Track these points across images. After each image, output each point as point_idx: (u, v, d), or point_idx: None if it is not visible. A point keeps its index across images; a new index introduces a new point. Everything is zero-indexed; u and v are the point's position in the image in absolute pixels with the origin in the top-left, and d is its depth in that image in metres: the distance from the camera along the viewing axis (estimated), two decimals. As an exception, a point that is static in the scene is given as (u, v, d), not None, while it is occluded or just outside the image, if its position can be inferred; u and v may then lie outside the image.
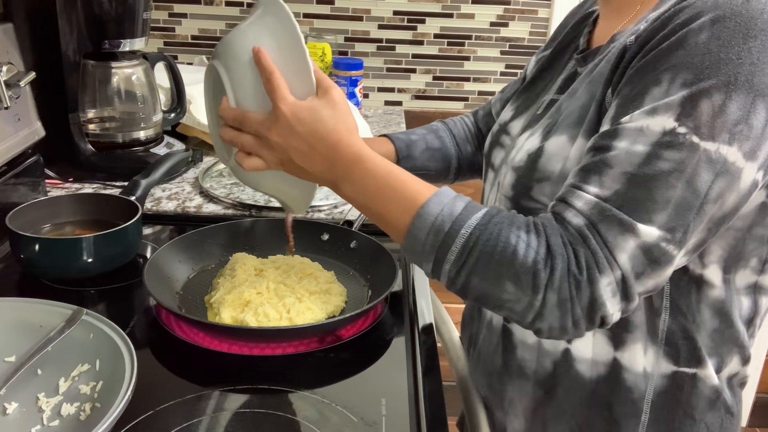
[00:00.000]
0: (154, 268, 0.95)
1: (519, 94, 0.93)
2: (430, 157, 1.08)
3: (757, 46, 0.59)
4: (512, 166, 0.78)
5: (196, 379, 0.81)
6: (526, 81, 0.94)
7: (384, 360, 0.88)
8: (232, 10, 1.92)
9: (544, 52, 0.95)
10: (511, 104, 0.93)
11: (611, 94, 0.68)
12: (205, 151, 1.50)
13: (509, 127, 0.88)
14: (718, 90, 0.59)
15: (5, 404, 0.73)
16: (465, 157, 1.11)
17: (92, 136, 1.35)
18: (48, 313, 0.81)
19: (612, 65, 0.67)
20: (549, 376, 0.79)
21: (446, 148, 1.10)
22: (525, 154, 0.75)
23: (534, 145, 0.75)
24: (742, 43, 0.59)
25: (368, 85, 1.98)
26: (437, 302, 1.20)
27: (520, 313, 0.64)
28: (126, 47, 1.32)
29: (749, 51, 0.59)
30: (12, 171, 1.13)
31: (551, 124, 0.75)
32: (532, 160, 0.73)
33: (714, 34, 0.59)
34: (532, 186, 0.74)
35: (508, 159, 0.80)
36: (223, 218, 1.19)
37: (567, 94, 0.76)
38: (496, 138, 0.90)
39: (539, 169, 0.73)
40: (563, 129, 0.71)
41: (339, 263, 1.04)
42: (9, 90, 1.06)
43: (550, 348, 0.78)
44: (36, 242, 0.97)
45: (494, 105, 1.10)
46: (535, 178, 0.74)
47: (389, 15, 1.93)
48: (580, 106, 0.71)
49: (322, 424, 0.74)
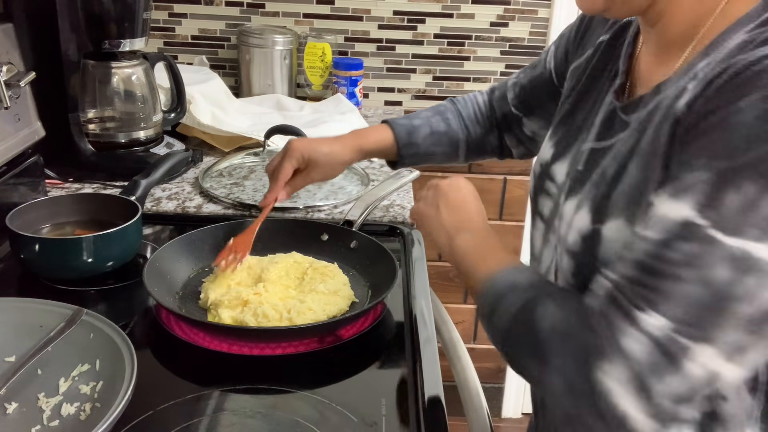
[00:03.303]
0: (154, 268, 0.95)
1: (557, 125, 0.84)
2: (434, 142, 1.06)
3: None
4: (566, 249, 0.72)
5: (196, 379, 0.81)
6: (564, 111, 0.84)
7: (384, 360, 0.88)
8: (232, 10, 1.92)
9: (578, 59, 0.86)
10: (550, 138, 0.84)
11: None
12: (205, 151, 1.50)
13: (552, 171, 0.81)
14: (752, 182, 0.52)
15: (5, 404, 0.73)
16: (474, 140, 1.08)
17: (92, 136, 1.35)
18: (48, 313, 0.81)
19: (667, 141, 0.60)
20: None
21: (453, 131, 1.07)
22: (578, 236, 0.69)
23: (586, 225, 0.69)
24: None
25: (368, 85, 1.98)
26: (437, 302, 1.20)
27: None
28: (126, 47, 1.32)
29: None
30: (12, 171, 1.13)
31: (601, 198, 0.68)
32: (589, 245, 0.68)
33: (763, 117, 0.53)
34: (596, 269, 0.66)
35: (560, 233, 0.74)
36: (223, 218, 1.19)
37: (612, 157, 0.69)
38: (540, 184, 0.83)
39: (601, 257, 0.67)
40: (620, 211, 0.65)
41: (339, 263, 1.04)
42: (9, 90, 1.06)
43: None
44: (36, 242, 0.97)
45: (510, 90, 1.05)
46: (596, 266, 0.67)
47: (389, 15, 1.93)
48: (635, 185, 0.64)
49: (321, 424, 0.74)
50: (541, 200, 0.82)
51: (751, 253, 0.53)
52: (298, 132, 1.32)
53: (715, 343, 0.55)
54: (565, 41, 0.93)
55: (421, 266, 1.08)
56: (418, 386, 0.81)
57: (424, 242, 1.17)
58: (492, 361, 2.23)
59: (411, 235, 1.17)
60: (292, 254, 1.04)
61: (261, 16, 1.92)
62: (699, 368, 0.56)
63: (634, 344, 0.56)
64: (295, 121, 1.52)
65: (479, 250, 0.77)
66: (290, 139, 1.06)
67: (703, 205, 0.54)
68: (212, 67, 1.87)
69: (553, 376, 0.61)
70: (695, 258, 0.54)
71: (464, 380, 1.08)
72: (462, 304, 2.18)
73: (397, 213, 1.24)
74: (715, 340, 0.55)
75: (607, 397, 0.58)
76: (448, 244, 0.81)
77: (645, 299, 0.57)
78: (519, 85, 1.03)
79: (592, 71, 0.80)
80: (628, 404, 0.57)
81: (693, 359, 0.55)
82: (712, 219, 0.54)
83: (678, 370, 0.56)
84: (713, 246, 0.54)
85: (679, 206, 0.56)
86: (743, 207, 0.53)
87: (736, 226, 0.53)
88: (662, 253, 0.56)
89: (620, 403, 0.57)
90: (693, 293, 0.55)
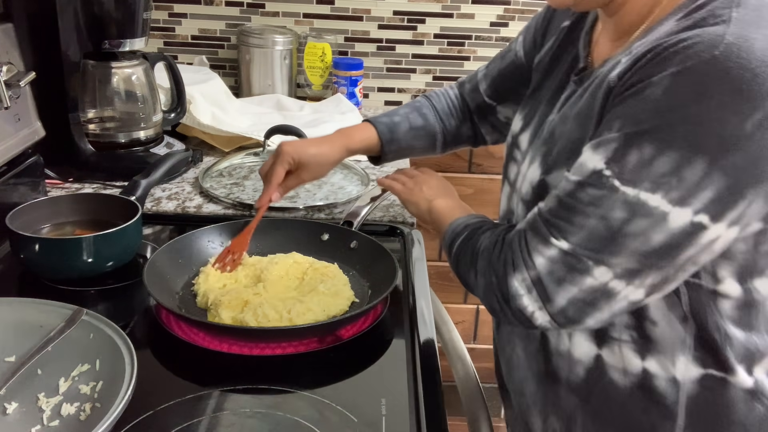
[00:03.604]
0: (154, 268, 0.95)
1: (526, 100, 0.95)
2: (414, 136, 1.12)
3: (710, 107, 0.61)
4: (521, 198, 0.84)
5: (196, 379, 0.81)
6: (532, 88, 0.95)
7: (384, 360, 0.88)
8: (232, 10, 1.92)
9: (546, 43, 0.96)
10: (520, 112, 0.95)
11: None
12: (205, 151, 1.50)
13: (519, 140, 0.92)
14: (651, 144, 0.64)
15: (5, 404, 0.73)
16: (450, 131, 1.15)
17: (92, 136, 1.35)
18: (48, 313, 0.81)
19: (600, 104, 0.72)
20: (582, 383, 0.81)
21: (430, 125, 1.13)
22: (529, 186, 0.82)
23: (535, 176, 0.81)
24: (694, 103, 0.62)
25: (368, 85, 1.98)
26: (437, 302, 1.20)
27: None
28: (126, 47, 1.32)
29: (699, 111, 0.61)
30: (12, 171, 1.13)
31: (547, 153, 0.80)
32: (538, 194, 0.79)
33: (668, 91, 0.63)
34: None
35: (517, 186, 0.87)
36: (223, 218, 1.19)
37: (560, 118, 0.81)
38: (509, 152, 0.94)
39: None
40: (562, 163, 0.77)
41: (339, 263, 1.04)
42: (9, 90, 1.06)
43: (581, 355, 0.81)
44: (36, 242, 0.97)
45: (481, 82, 1.12)
46: None
47: (389, 15, 1.93)
48: (573, 140, 0.76)
49: (321, 424, 0.74)
50: (510, 166, 0.93)
51: (645, 201, 0.65)
52: (298, 132, 1.32)
53: (610, 266, 0.68)
54: (533, 30, 1.01)
55: (421, 266, 1.09)
56: (418, 386, 0.81)
57: (424, 242, 1.17)
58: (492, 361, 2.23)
59: (411, 235, 1.17)
60: (293, 254, 1.04)
61: (261, 16, 1.92)
62: (594, 281, 0.69)
63: (541, 259, 0.71)
64: (295, 121, 1.52)
65: (450, 210, 0.94)
66: (281, 142, 1.08)
67: (610, 159, 0.67)
68: (212, 67, 1.87)
69: (480, 279, 0.78)
70: (599, 200, 0.67)
71: (464, 380, 1.08)
72: (462, 304, 2.18)
73: (397, 213, 1.24)
74: (610, 264, 0.68)
75: (518, 300, 0.73)
76: (428, 208, 0.98)
77: (557, 227, 0.71)
78: (490, 76, 1.11)
79: (556, 52, 0.92)
80: (534, 307, 0.73)
81: (591, 275, 0.69)
82: (615, 171, 0.66)
83: (576, 280, 0.70)
84: (613, 192, 0.66)
85: (595, 158, 0.68)
86: (641, 164, 0.65)
87: (633, 177, 0.65)
88: (576, 193, 0.69)
89: (528, 305, 0.73)
90: (595, 227, 0.68)
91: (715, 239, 0.66)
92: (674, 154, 0.63)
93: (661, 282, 0.69)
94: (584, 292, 0.70)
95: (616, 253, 0.67)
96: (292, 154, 1.05)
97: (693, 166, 0.62)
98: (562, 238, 0.70)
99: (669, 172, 0.63)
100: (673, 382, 0.76)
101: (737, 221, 0.65)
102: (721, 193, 0.63)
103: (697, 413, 0.76)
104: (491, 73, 1.10)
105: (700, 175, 0.63)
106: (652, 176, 0.64)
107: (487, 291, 0.77)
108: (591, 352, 0.80)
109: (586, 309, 0.71)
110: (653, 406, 0.78)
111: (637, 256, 0.67)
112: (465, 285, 0.84)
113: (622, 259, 0.67)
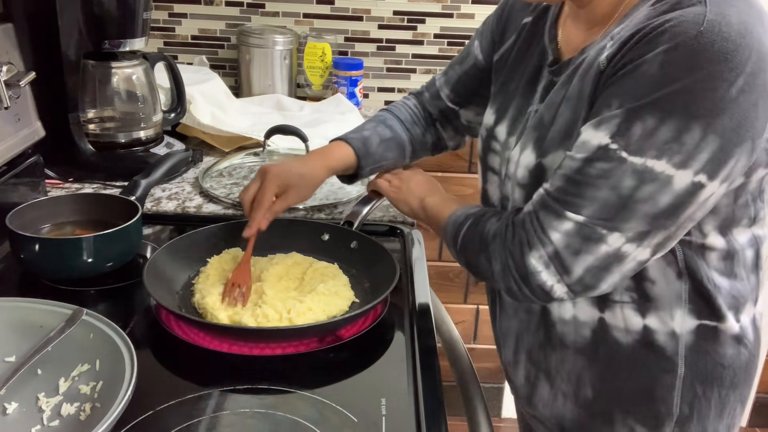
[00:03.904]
0: (154, 268, 0.95)
1: (495, 96, 1.00)
2: (385, 148, 1.13)
3: (702, 77, 0.67)
4: (517, 183, 0.87)
5: (196, 379, 0.81)
6: (500, 84, 0.99)
7: (384, 360, 0.88)
8: (232, 10, 1.92)
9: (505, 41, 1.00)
10: (490, 106, 1.00)
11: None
12: (205, 151, 1.50)
13: (496, 132, 0.96)
14: (652, 116, 0.69)
15: (5, 404, 0.73)
16: (416, 140, 1.17)
17: (92, 136, 1.35)
18: (48, 313, 0.81)
19: (592, 87, 0.76)
20: (589, 343, 0.88)
21: (398, 136, 1.15)
22: (526, 171, 0.85)
23: (531, 161, 0.84)
24: (687, 75, 0.67)
25: (368, 85, 1.98)
26: (437, 302, 1.20)
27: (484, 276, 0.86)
28: (126, 47, 1.32)
29: (692, 82, 0.67)
30: (12, 171, 1.13)
31: (540, 138, 0.84)
32: (535, 176, 0.84)
33: (663, 66, 0.69)
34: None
35: (509, 173, 0.90)
36: (223, 218, 1.19)
37: (546, 106, 0.85)
38: (487, 144, 0.98)
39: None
40: (557, 145, 0.81)
41: (339, 263, 1.04)
42: (9, 90, 1.06)
43: (586, 319, 0.87)
44: (36, 242, 0.97)
45: (442, 88, 1.15)
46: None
47: (389, 15, 1.93)
48: (567, 123, 0.80)
49: (321, 424, 0.74)
50: (491, 157, 0.97)
51: (651, 168, 0.70)
52: (299, 132, 1.32)
53: (623, 231, 0.73)
54: (490, 32, 1.05)
55: (421, 266, 1.09)
56: (418, 386, 0.81)
57: (423, 242, 1.17)
58: (492, 361, 2.23)
59: (411, 235, 1.17)
60: (293, 254, 1.04)
61: (261, 16, 1.92)
62: (608, 247, 0.74)
63: (557, 234, 0.75)
64: (295, 121, 1.52)
65: (444, 204, 0.98)
66: (262, 165, 1.06)
67: (615, 134, 0.71)
68: (212, 67, 1.87)
69: (494, 264, 0.82)
70: (608, 172, 0.72)
71: (464, 380, 1.08)
72: (462, 304, 2.18)
73: (397, 213, 1.24)
74: (623, 229, 0.73)
75: (537, 276, 0.77)
76: (420, 205, 1.02)
77: (568, 203, 0.75)
78: (451, 82, 1.14)
79: (521, 47, 0.96)
80: (553, 281, 0.77)
81: (605, 242, 0.74)
82: (621, 144, 0.71)
83: (591, 249, 0.74)
84: (622, 163, 0.71)
85: (598, 134, 0.73)
86: (645, 134, 0.70)
87: (640, 148, 0.70)
88: (584, 169, 0.74)
89: (547, 280, 0.77)
90: (607, 197, 0.73)
91: (709, 196, 0.73)
92: (674, 123, 0.69)
93: (664, 240, 0.75)
94: (599, 259, 0.75)
95: (627, 218, 0.73)
96: (279, 175, 1.03)
97: (691, 131, 0.68)
98: (575, 212, 0.74)
99: (671, 139, 0.69)
100: (672, 335, 0.84)
101: (727, 178, 0.72)
102: (715, 154, 0.70)
103: (694, 362, 0.85)
104: (451, 78, 1.13)
105: (697, 139, 0.69)
106: (657, 144, 0.69)
107: (504, 274, 0.81)
108: (595, 316, 0.86)
109: (600, 274, 0.76)
110: (655, 359, 0.85)
111: (648, 219, 0.72)
112: (474, 272, 0.88)
113: (634, 223, 0.73)
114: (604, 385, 0.89)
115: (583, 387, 0.90)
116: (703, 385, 0.86)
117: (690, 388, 0.86)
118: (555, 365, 0.92)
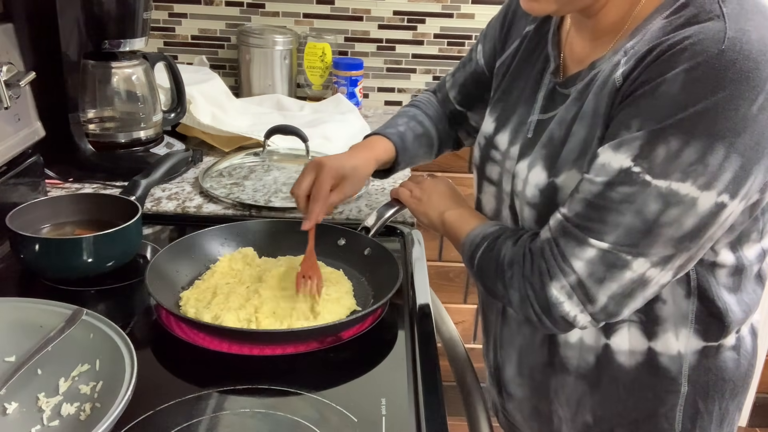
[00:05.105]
0: (156, 269, 0.95)
1: (495, 103, 0.97)
2: (419, 144, 1.12)
3: (724, 97, 0.65)
4: (527, 202, 0.85)
5: (196, 379, 0.81)
6: (501, 91, 0.97)
7: (384, 360, 0.88)
8: (232, 10, 1.92)
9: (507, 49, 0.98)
10: (489, 114, 0.98)
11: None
12: (205, 151, 1.50)
13: (496, 141, 0.94)
14: (676, 137, 0.67)
15: (5, 404, 0.73)
16: (442, 136, 1.16)
17: (92, 136, 1.35)
18: (48, 313, 0.81)
19: (607, 105, 0.74)
20: (592, 369, 0.87)
21: (428, 132, 1.14)
22: (536, 190, 0.82)
23: (542, 180, 0.82)
24: (710, 95, 0.66)
25: (368, 85, 1.98)
26: (437, 302, 1.20)
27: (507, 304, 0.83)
28: (126, 47, 1.32)
29: (715, 102, 0.66)
30: (12, 171, 1.13)
31: (552, 156, 0.81)
32: (547, 196, 0.81)
33: (685, 86, 0.67)
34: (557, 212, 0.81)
35: (516, 190, 0.87)
36: (223, 218, 1.19)
37: (557, 122, 0.82)
38: (486, 153, 0.96)
39: (560, 202, 0.79)
40: (571, 164, 0.78)
41: (351, 269, 1.04)
42: (9, 90, 1.06)
43: (591, 344, 0.86)
44: (36, 242, 0.97)
45: (450, 90, 1.14)
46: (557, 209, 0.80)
47: (389, 15, 1.93)
48: (581, 141, 0.78)
49: (321, 424, 0.74)
50: (489, 167, 0.95)
51: (677, 191, 0.68)
52: (299, 132, 1.32)
53: (648, 256, 0.71)
54: (492, 38, 1.04)
55: (421, 266, 1.08)
56: (418, 386, 0.81)
57: (424, 242, 1.17)
58: (492, 361, 2.23)
59: (411, 235, 1.17)
60: (299, 258, 1.02)
61: (261, 16, 1.92)
62: (633, 273, 0.72)
63: (579, 263, 0.73)
64: (295, 121, 1.52)
65: (463, 220, 0.94)
66: (313, 158, 1.04)
67: (637, 156, 0.69)
68: (212, 67, 1.87)
69: (512, 293, 0.79)
70: (631, 196, 0.70)
71: (464, 380, 1.08)
72: (462, 304, 2.18)
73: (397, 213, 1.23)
74: (648, 254, 0.71)
75: (559, 307, 0.75)
76: (440, 219, 0.98)
77: (590, 229, 0.72)
78: (458, 84, 1.13)
79: (522, 56, 0.94)
80: (576, 311, 0.75)
81: (630, 268, 0.72)
82: (644, 167, 0.69)
83: (615, 276, 0.72)
84: (646, 187, 0.69)
85: (619, 157, 0.70)
86: (669, 157, 0.68)
87: (663, 171, 0.68)
88: (605, 193, 0.71)
89: (570, 310, 0.75)
90: (632, 222, 0.70)
91: (730, 215, 0.71)
92: (698, 144, 0.67)
93: (686, 262, 0.74)
94: (623, 286, 0.73)
95: (653, 243, 0.71)
96: (336, 168, 1.01)
97: (715, 152, 0.67)
98: (599, 239, 0.72)
99: (696, 161, 0.67)
100: (676, 356, 0.83)
101: (746, 195, 0.71)
102: (737, 173, 0.68)
103: (697, 379, 0.84)
104: (458, 81, 1.12)
105: (720, 159, 0.67)
106: (681, 166, 0.68)
107: (522, 304, 0.79)
108: (600, 341, 0.85)
109: (624, 301, 0.74)
110: (658, 381, 0.84)
111: (673, 242, 0.71)
112: (492, 296, 0.86)
113: (659, 248, 0.71)
114: (605, 412, 0.88)
115: (582, 413, 0.89)
116: (705, 400, 0.86)
117: (692, 404, 0.85)
118: (554, 388, 0.91)
